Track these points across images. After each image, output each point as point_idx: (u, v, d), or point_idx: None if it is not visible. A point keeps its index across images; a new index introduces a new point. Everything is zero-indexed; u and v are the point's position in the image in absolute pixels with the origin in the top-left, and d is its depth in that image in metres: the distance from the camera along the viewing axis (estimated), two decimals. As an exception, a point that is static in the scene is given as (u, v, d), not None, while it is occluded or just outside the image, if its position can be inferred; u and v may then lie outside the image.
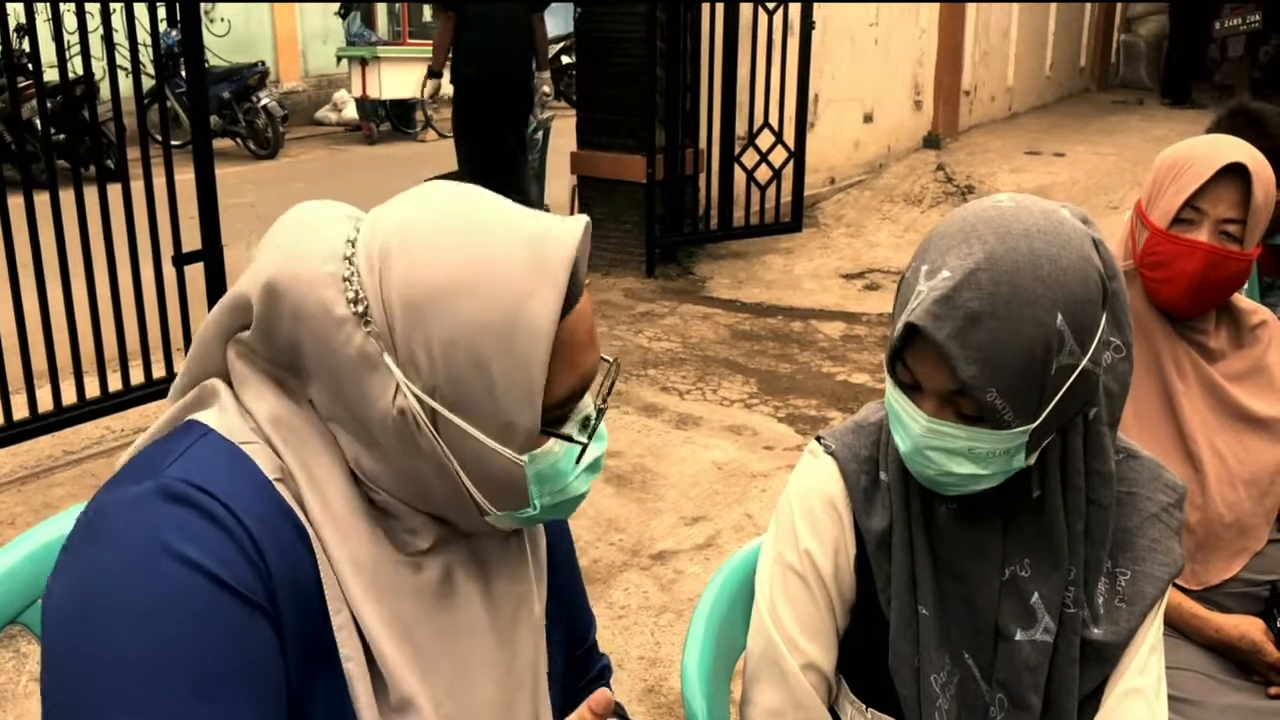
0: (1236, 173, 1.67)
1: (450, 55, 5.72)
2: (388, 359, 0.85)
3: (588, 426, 0.94)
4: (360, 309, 0.85)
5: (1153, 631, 1.25)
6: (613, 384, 0.97)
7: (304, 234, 0.89)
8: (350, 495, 0.89)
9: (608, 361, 0.97)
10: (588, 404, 0.95)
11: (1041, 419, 1.10)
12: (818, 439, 1.31)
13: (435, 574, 0.93)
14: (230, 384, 0.91)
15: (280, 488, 0.87)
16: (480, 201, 0.90)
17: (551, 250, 0.87)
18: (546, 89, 6.15)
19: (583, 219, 0.91)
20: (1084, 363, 1.10)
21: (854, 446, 1.28)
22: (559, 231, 0.88)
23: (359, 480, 0.90)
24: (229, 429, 0.88)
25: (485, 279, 0.85)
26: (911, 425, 1.15)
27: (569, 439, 0.91)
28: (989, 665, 1.21)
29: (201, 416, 0.90)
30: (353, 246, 0.88)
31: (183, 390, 0.94)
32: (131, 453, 0.93)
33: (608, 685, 1.28)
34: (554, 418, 0.90)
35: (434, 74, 5.97)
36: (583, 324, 0.90)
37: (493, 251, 0.86)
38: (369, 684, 0.87)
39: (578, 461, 0.92)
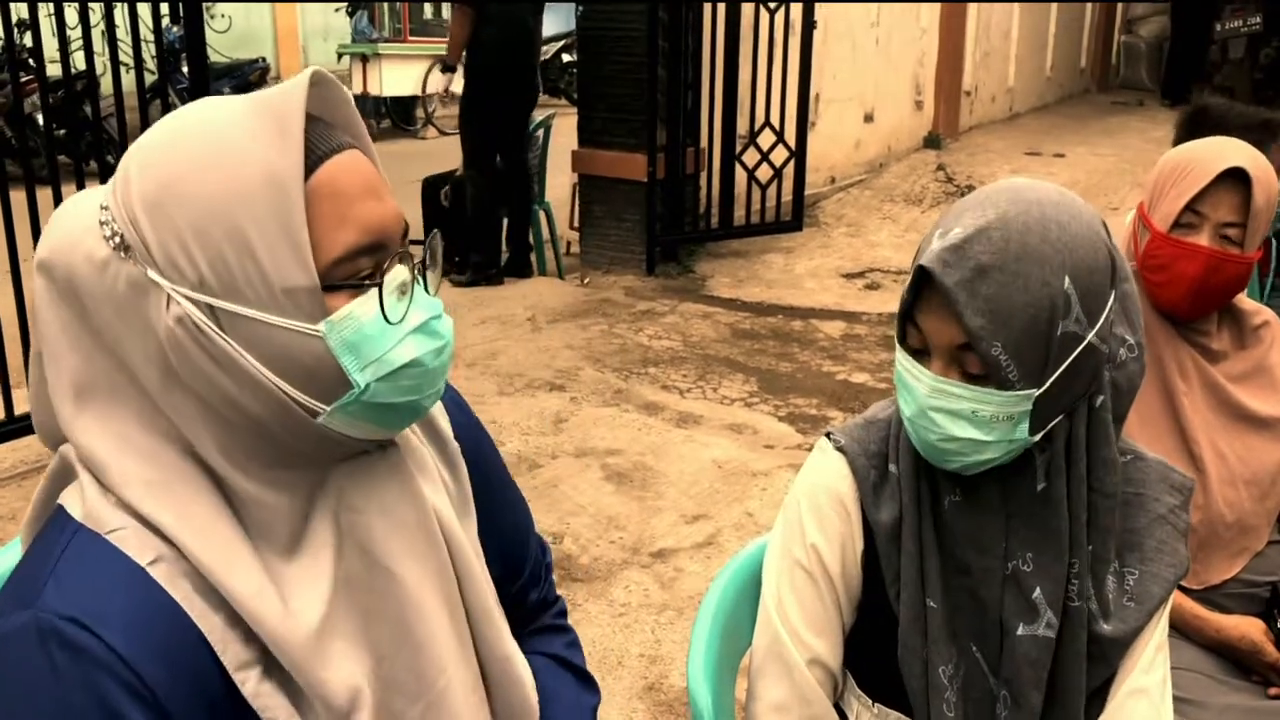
0: (1237, 177, 1.68)
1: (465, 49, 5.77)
2: (150, 273, 0.83)
3: (409, 294, 0.89)
4: (117, 240, 0.84)
5: (1158, 632, 1.26)
6: (430, 253, 0.93)
7: (66, 210, 0.90)
8: (231, 524, 0.86)
9: (420, 244, 0.93)
10: (403, 271, 0.89)
11: (1046, 386, 1.11)
12: (827, 435, 1.32)
13: (328, 557, 0.91)
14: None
15: (156, 570, 0.84)
16: (213, 99, 0.89)
17: (277, 105, 0.84)
18: None
19: (309, 70, 0.88)
20: (1090, 336, 1.11)
21: (864, 441, 1.29)
22: (286, 87, 0.86)
23: (223, 488, 0.87)
24: (95, 517, 0.85)
25: (215, 152, 0.83)
26: (917, 387, 1.16)
27: (359, 286, 0.86)
28: (995, 658, 1.22)
29: (67, 501, 0.88)
30: (107, 196, 0.87)
31: (46, 435, 0.93)
32: (25, 530, 0.92)
33: (551, 592, 1.26)
34: (344, 277, 0.86)
35: (449, 68, 6.01)
36: (348, 175, 0.86)
37: (218, 125, 0.84)
38: None
39: (389, 321, 0.87)
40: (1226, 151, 1.71)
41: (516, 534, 1.19)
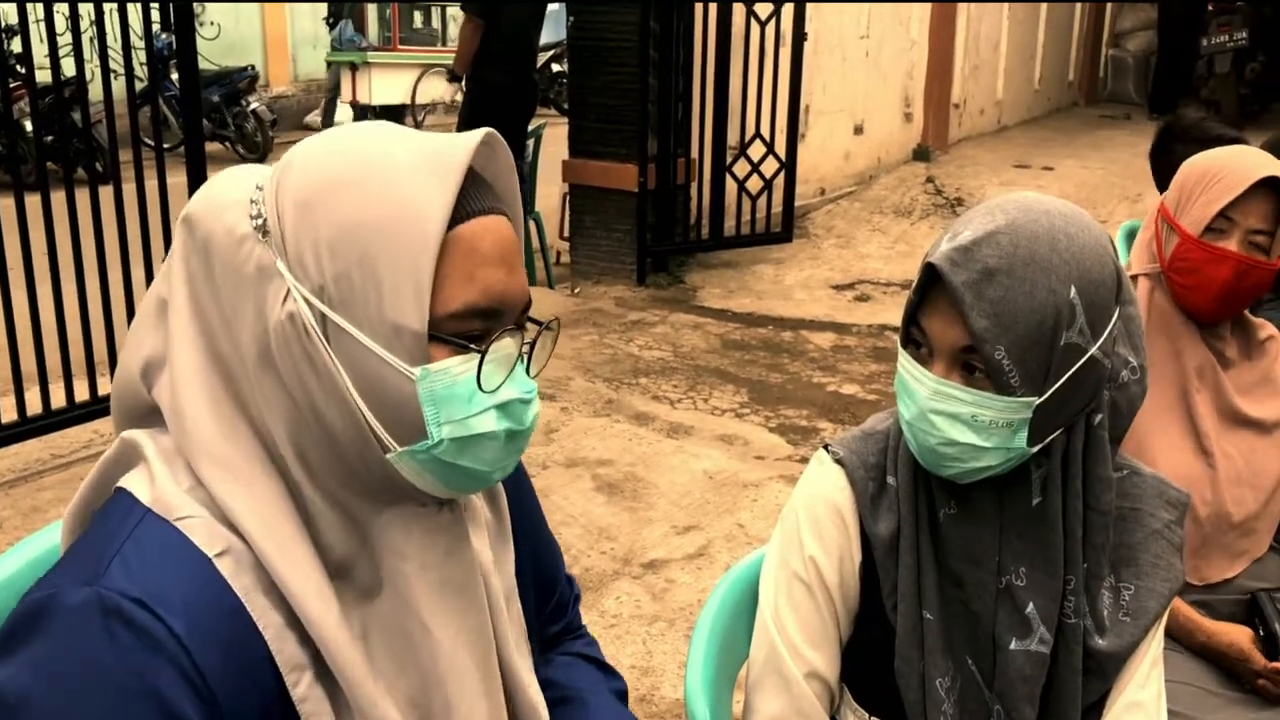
0: (1269, 186, 1.72)
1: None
2: (279, 264, 0.86)
3: (509, 368, 0.90)
4: (259, 223, 0.87)
5: (1154, 646, 1.26)
6: (536, 340, 0.94)
7: (223, 178, 0.94)
8: (298, 525, 0.87)
9: (538, 324, 0.95)
10: (510, 345, 0.90)
11: (1047, 395, 1.11)
12: (825, 447, 1.32)
13: (365, 595, 0.91)
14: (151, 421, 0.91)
15: (222, 562, 0.84)
16: (394, 126, 0.92)
17: (445, 153, 0.87)
18: None
19: (484, 130, 0.91)
20: (1093, 349, 1.12)
21: (862, 453, 1.29)
22: (456, 139, 0.89)
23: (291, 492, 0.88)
24: (164, 503, 0.86)
25: (374, 174, 0.86)
26: (918, 389, 1.16)
27: (463, 347, 0.87)
28: (990, 673, 1.22)
29: (132, 485, 0.88)
30: (266, 179, 0.90)
31: (123, 399, 0.93)
32: (71, 519, 0.93)
33: (576, 616, 1.30)
34: (453, 332, 0.87)
35: (456, 78, 6.03)
36: (489, 238, 0.88)
37: (385, 152, 0.87)
38: None
39: (481, 389, 0.88)
40: (1258, 161, 1.75)
41: (549, 566, 1.22)
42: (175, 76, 4.77)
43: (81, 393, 3.70)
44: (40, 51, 3.54)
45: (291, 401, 0.87)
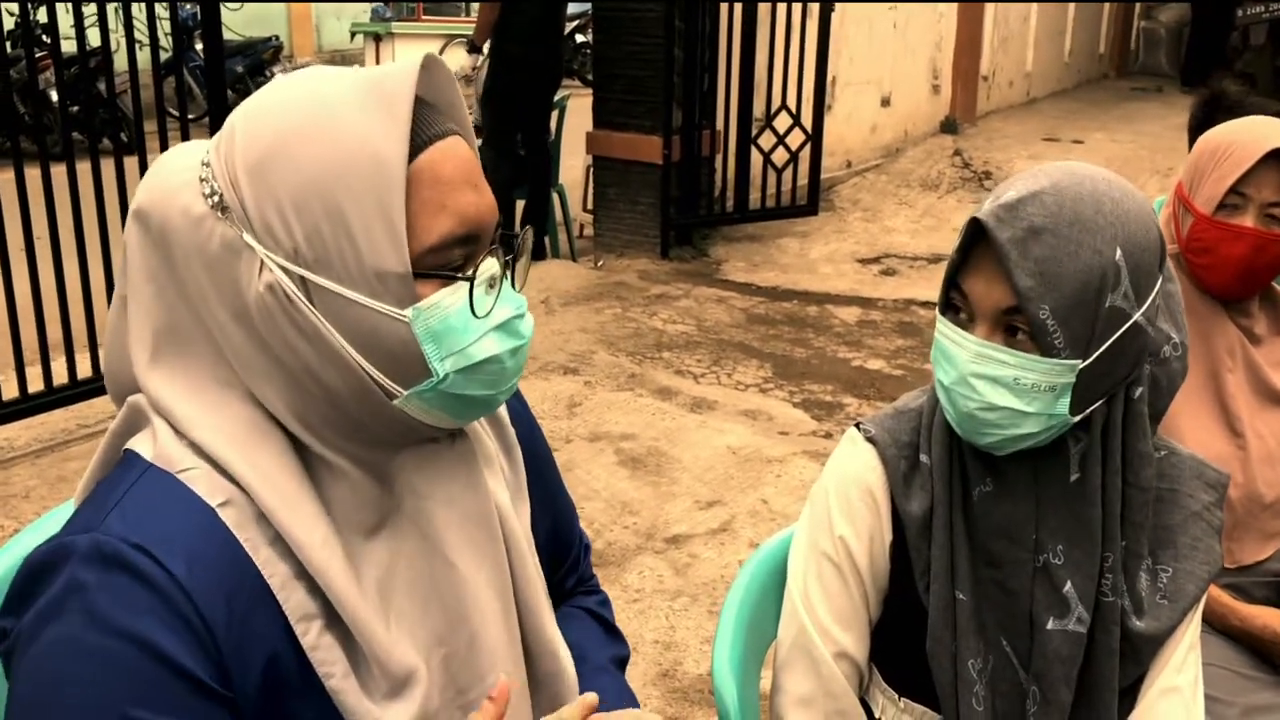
0: (1279, 157, 1.68)
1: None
2: (246, 237, 0.83)
3: (496, 289, 0.89)
4: (216, 199, 0.84)
5: (1191, 630, 1.24)
6: (516, 255, 0.93)
7: (166, 161, 0.90)
8: (301, 478, 0.86)
9: (512, 236, 0.94)
10: (493, 265, 0.89)
11: (1091, 360, 1.09)
12: (857, 425, 1.30)
13: (387, 536, 0.91)
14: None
15: (225, 512, 0.84)
16: (324, 68, 0.89)
17: (388, 85, 0.84)
18: None
19: (423, 54, 0.88)
20: (1138, 315, 1.10)
21: (895, 431, 1.27)
22: (397, 68, 0.86)
23: (298, 446, 0.87)
24: (166, 457, 0.85)
25: (322, 123, 0.83)
26: (959, 353, 1.13)
27: (450, 277, 0.86)
28: (1026, 653, 1.20)
29: (137, 445, 0.88)
30: (209, 152, 0.87)
31: (115, 386, 0.93)
32: (82, 490, 0.92)
33: (588, 567, 1.29)
34: (436, 265, 0.86)
35: (476, 49, 6.00)
36: (450, 162, 0.86)
37: (327, 98, 0.84)
38: (357, 684, 0.86)
39: (475, 315, 0.87)
40: (1267, 132, 1.71)
41: (565, 524, 1.21)
42: (200, 47, 4.77)
43: (107, 363, 3.72)
44: (66, 22, 3.54)
45: (284, 370, 0.86)
